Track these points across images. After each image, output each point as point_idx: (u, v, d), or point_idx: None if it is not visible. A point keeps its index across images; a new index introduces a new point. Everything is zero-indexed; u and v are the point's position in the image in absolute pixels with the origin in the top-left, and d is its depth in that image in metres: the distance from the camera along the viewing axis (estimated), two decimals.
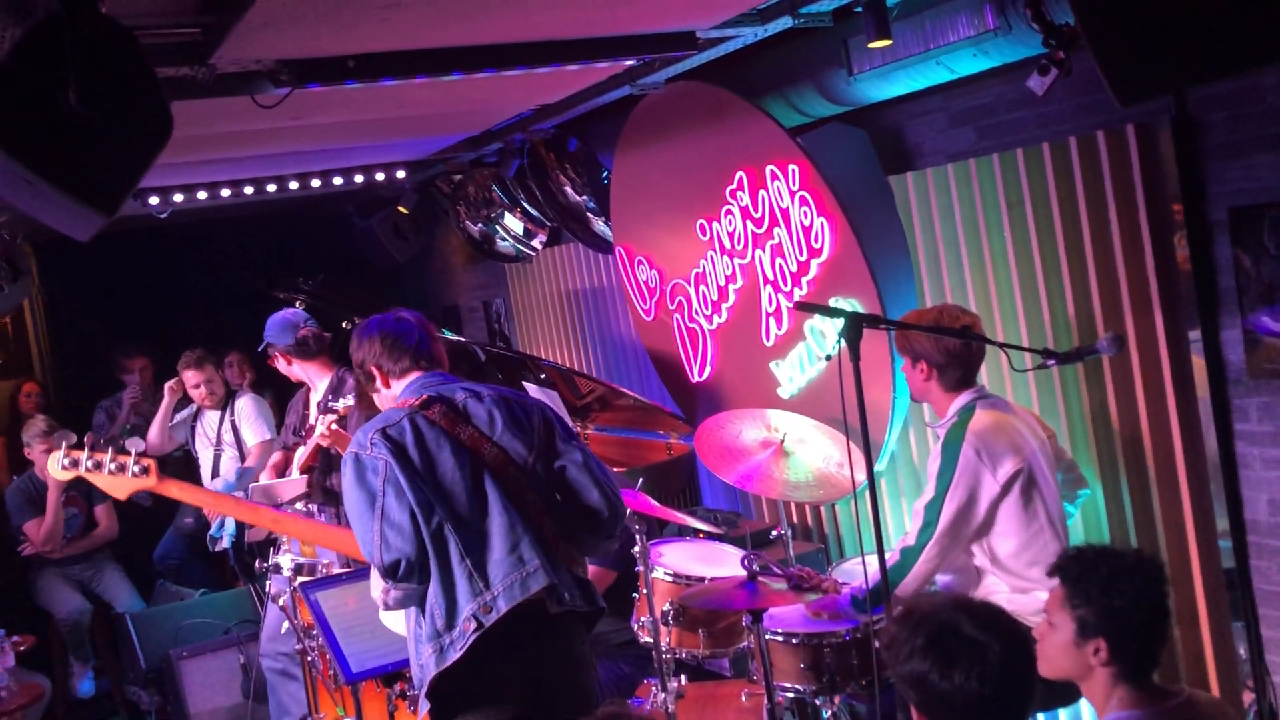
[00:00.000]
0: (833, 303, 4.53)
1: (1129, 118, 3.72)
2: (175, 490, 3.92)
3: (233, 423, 6.65)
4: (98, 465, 3.77)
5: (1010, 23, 3.55)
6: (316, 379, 5.44)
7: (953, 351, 3.60)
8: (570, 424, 3.43)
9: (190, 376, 6.49)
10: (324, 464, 5.24)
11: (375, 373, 3.42)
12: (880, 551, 3.21)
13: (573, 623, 3.29)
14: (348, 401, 4.94)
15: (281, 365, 5.43)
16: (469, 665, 3.11)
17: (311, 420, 5.40)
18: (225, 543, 6.04)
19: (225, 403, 6.67)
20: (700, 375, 5.55)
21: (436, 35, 3.69)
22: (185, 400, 6.88)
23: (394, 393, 3.41)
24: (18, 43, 2.51)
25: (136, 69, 2.58)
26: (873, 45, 3.82)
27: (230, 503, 4.32)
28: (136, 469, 3.77)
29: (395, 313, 3.48)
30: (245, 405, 6.67)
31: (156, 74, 2.61)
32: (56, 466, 3.79)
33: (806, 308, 3.57)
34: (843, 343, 3.21)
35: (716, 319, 5.35)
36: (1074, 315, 4.00)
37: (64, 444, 3.81)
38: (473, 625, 3.09)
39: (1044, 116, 4.06)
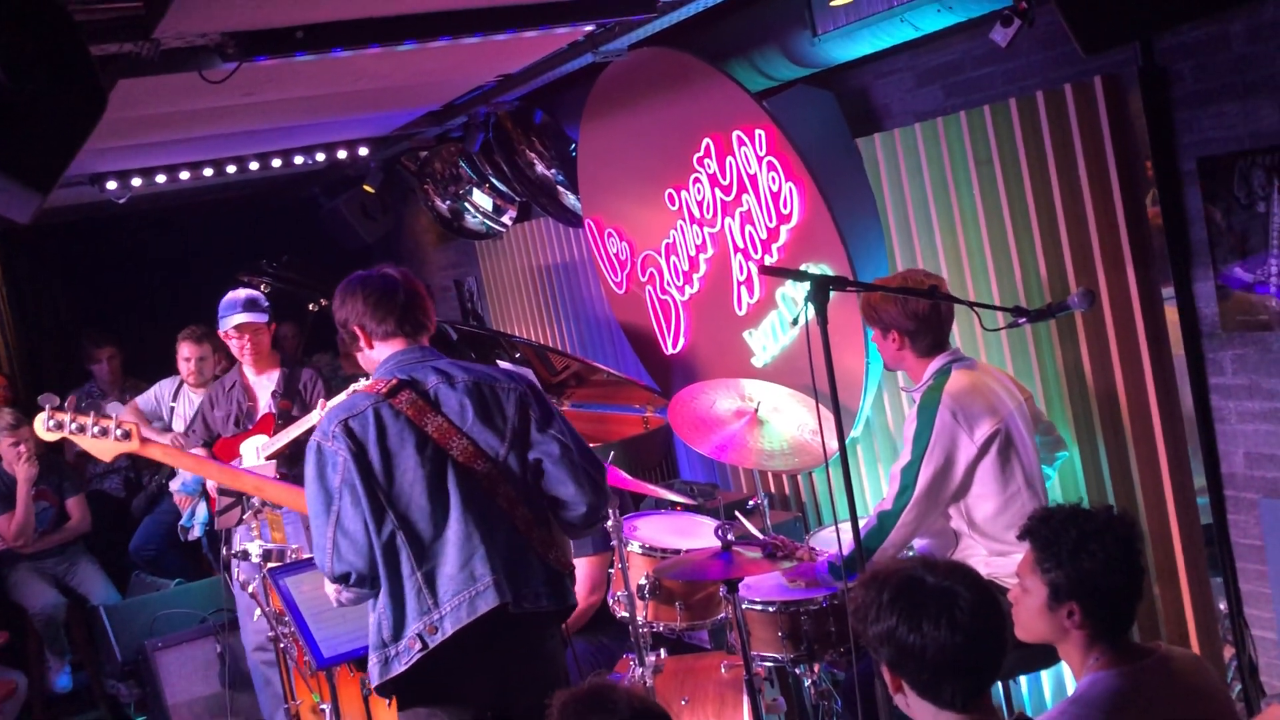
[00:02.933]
0: (804, 268, 4.47)
1: (1096, 69, 3.66)
2: (158, 453, 4.05)
3: None
4: (81, 428, 3.85)
5: None
6: (268, 367, 5.38)
7: (921, 315, 3.55)
8: (552, 407, 3.28)
9: (186, 349, 6.29)
10: (293, 453, 5.17)
11: (359, 333, 3.24)
12: (854, 518, 3.17)
13: (540, 621, 3.19)
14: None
15: (247, 348, 5.32)
16: (417, 675, 3.04)
17: (265, 409, 5.34)
18: (197, 532, 5.95)
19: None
20: (674, 347, 5.49)
21: (388, 2, 3.60)
22: (139, 383, 6.70)
23: (377, 355, 3.24)
24: None
25: (67, 44, 2.51)
26: (835, 3, 3.75)
27: (213, 466, 4.39)
28: (118, 433, 3.87)
29: (380, 269, 3.30)
30: None
31: (88, 48, 2.53)
32: (41, 428, 3.86)
33: (772, 271, 3.53)
34: (810, 308, 3.15)
35: (688, 290, 5.29)
36: (1046, 273, 3.95)
37: (48, 406, 3.86)
38: (418, 645, 3.02)
39: (1011, 72, 4.00)
